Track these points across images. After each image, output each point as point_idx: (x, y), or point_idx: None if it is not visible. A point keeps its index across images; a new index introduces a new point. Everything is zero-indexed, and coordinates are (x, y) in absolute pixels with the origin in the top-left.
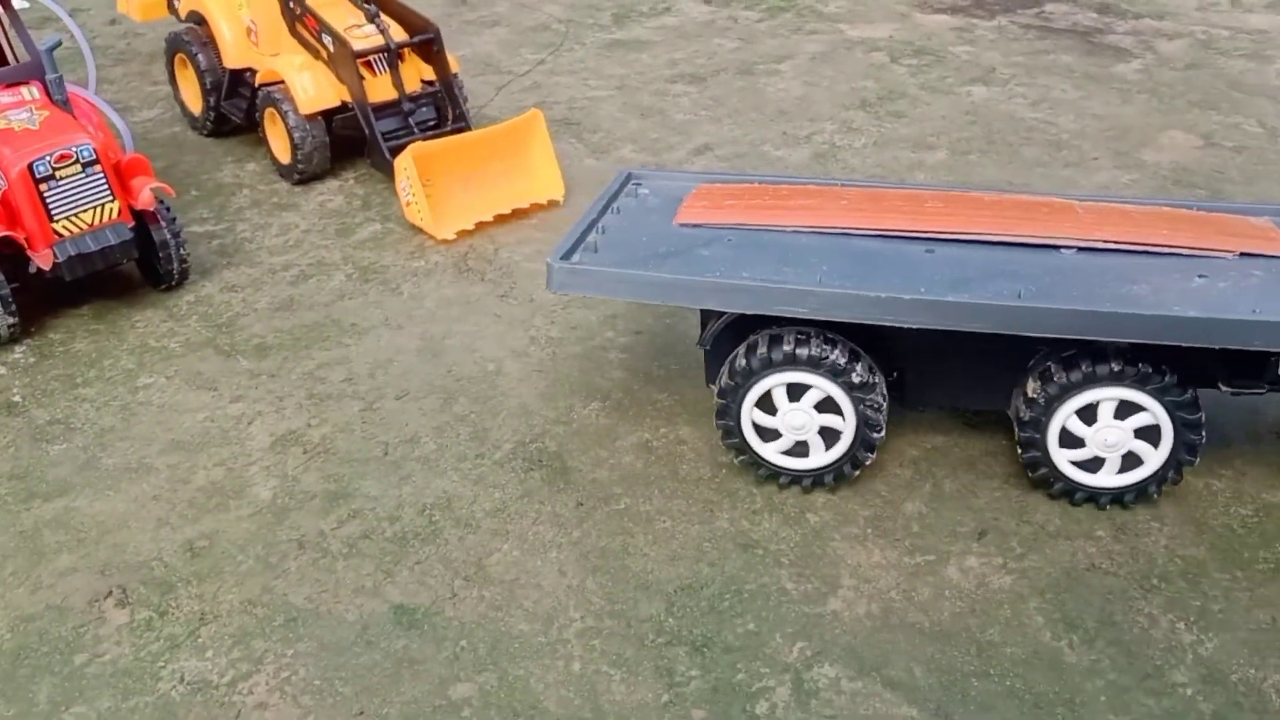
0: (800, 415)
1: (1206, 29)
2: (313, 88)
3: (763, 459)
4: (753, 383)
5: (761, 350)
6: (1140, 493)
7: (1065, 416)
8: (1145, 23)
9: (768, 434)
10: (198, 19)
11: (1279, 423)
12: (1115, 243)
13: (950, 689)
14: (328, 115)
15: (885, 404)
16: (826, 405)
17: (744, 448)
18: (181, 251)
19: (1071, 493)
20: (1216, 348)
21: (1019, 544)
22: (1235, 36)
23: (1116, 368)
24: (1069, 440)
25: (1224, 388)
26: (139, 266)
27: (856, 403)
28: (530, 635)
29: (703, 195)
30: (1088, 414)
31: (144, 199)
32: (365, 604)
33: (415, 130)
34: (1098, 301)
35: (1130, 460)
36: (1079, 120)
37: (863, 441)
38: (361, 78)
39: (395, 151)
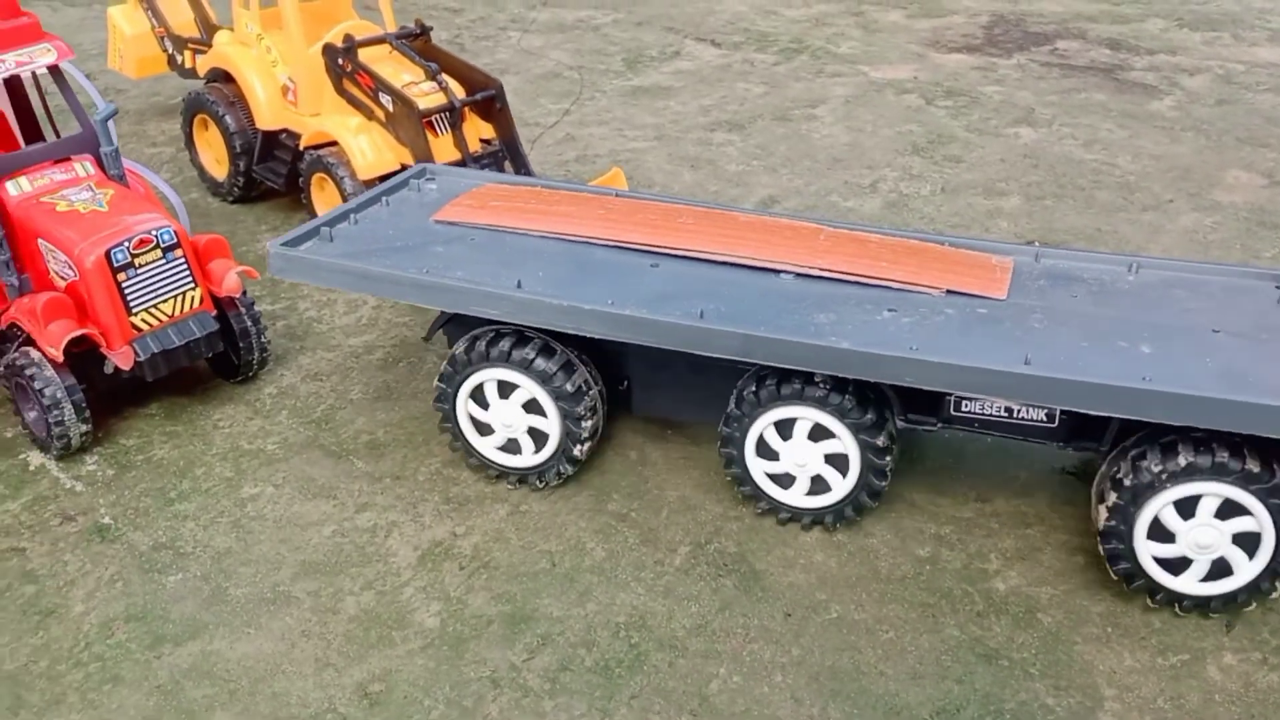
0: (511, 412)
1: (1221, 64)
2: (371, 151)
3: (478, 452)
4: (468, 374)
5: (479, 347)
6: (837, 514)
7: (759, 431)
8: (1161, 58)
9: (484, 428)
10: (222, 77)
11: None
12: (831, 272)
13: None
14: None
15: (592, 411)
16: (533, 406)
17: (458, 434)
18: (263, 340)
19: (776, 510)
20: (872, 380)
21: (1270, 634)
22: (1251, 70)
23: (799, 389)
24: (766, 453)
25: (899, 420)
26: (208, 357)
27: (562, 412)
28: None
29: (475, 195)
30: (785, 430)
31: (230, 284)
32: None
33: None
34: (767, 328)
35: (821, 483)
36: (1137, 161)
37: (564, 451)
38: (426, 139)
39: None
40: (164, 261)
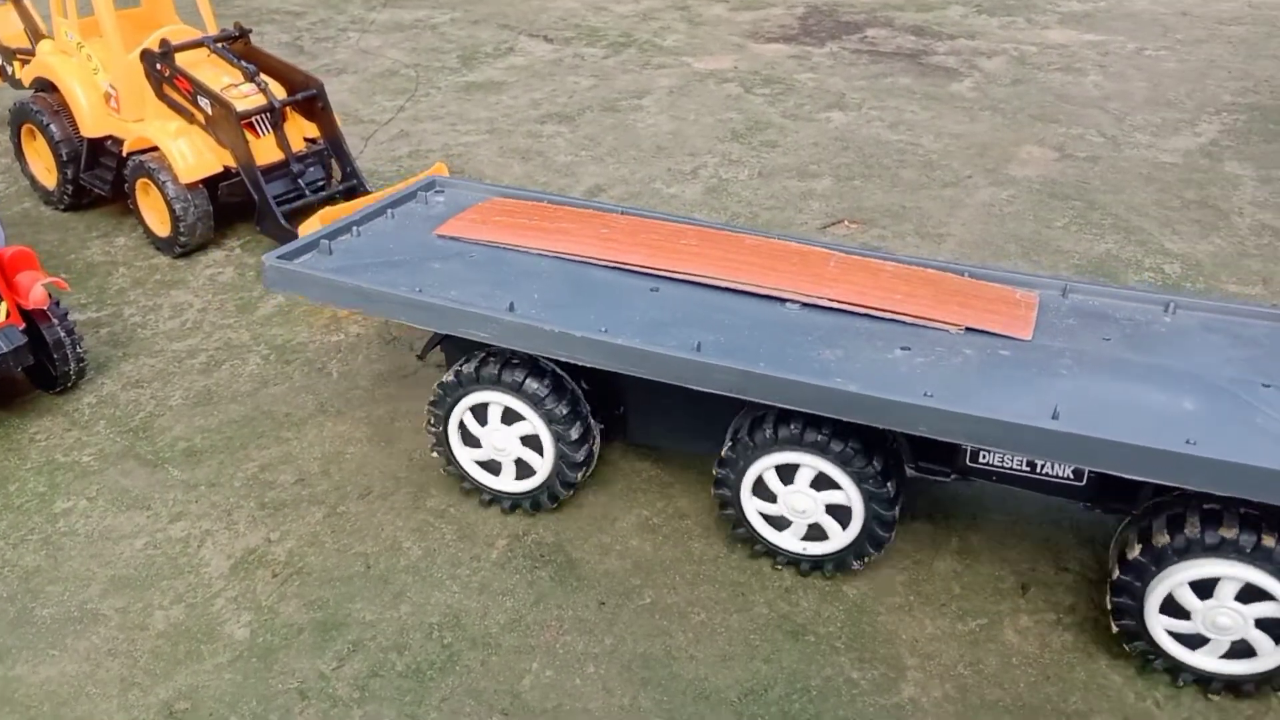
0: (501, 436)
1: (1016, 46)
2: (192, 155)
3: (464, 470)
4: (461, 394)
5: (471, 368)
6: (839, 563)
7: (756, 474)
8: (961, 43)
9: (473, 441)
10: (46, 86)
11: None
12: (840, 302)
13: None
14: (209, 182)
15: (587, 438)
16: (529, 438)
17: (443, 443)
18: (78, 350)
19: (753, 542)
20: (881, 426)
21: (1064, 594)
22: (1044, 51)
23: (798, 433)
24: (763, 493)
25: (909, 469)
26: (25, 369)
27: (555, 437)
28: None
29: (480, 209)
30: (784, 474)
31: (36, 297)
32: None
33: (306, 192)
34: (768, 363)
35: (818, 531)
36: (939, 140)
37: (558, 478)
38: (246, 140)
39: (289, 216)
40: None
